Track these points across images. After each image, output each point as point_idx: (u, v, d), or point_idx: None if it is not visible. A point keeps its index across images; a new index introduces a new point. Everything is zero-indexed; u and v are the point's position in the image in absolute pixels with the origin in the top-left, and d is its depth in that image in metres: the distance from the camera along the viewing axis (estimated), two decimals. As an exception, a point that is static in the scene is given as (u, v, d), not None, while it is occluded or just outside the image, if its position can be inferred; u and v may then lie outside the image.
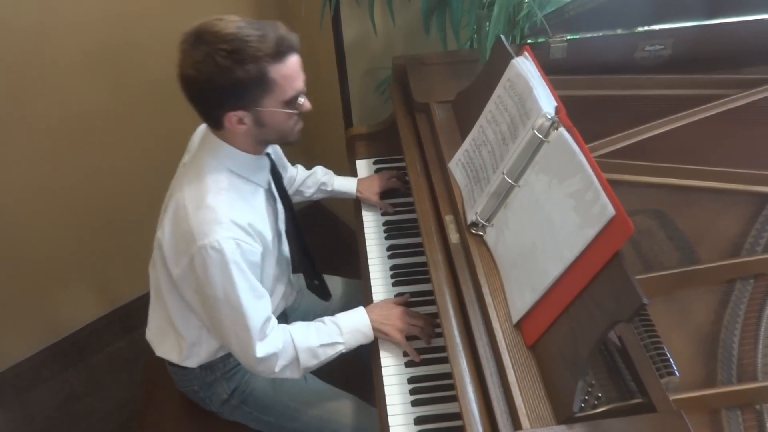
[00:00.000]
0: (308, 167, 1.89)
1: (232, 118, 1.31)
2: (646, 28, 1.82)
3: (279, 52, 1.26)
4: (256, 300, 1.39)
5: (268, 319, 1.42)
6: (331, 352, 1.49)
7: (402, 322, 1.50)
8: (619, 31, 1.83)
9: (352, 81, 2.23)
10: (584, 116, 1.33)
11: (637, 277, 1.04)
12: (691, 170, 1.56)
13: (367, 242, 1.77)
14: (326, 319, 1.52)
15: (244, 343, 1.40)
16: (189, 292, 1.42)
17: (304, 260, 1.69)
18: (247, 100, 1.29)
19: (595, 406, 1.12)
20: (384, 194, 1.87)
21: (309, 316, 1.81)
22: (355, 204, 1.90)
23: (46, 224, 2.24)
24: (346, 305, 1.82)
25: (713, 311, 1.33)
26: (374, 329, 1.51)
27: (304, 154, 2.72)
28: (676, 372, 1.18)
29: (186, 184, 1.38)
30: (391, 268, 1.69)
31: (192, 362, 1.56)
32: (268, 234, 1.44)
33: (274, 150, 1.65)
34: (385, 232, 1.79)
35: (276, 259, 1.55)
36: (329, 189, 1.87)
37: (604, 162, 1.55)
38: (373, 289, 1.65)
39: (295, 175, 1.84)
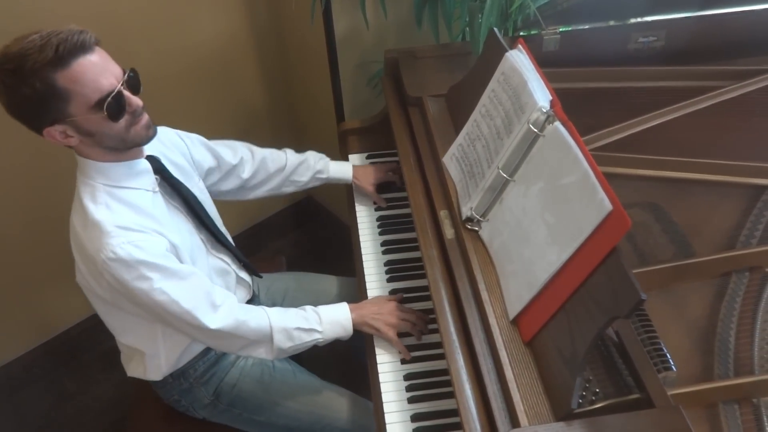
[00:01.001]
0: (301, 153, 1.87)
1: (53, 133, 1.26)
2: (639, 19, 1.82)
3: (60, 58, 1.18)
4: (182, 282, 1.36)
5: (207, 292, 1.40)
6: (306, 338, 1.48)
7: (393, 317, 1.50)
8: (612, 23, 1.82)
9: (344, 75, 2.21)
10: (577, 109, 1.33)
11: (633, 271, 1.03)
12: (685, 163, 1.55)
13: (361, 238, 1.76)
14: (308, 307, 1.52)
15: (193, 323, 1.38)
16: (126, 306, 1.40)
17: (225, 244, 1.63)
18: (53, 113, 1.23)
19: (592, 402, 1.12)
20: (378, 188, 1.85)
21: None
22: (348, 199, 1.89)
23: (37, 222, 2.22)
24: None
25: (709, 305, 1.33)
26: (364, 324, 1.50)
27: (296, 148, 2.70)
28: (673, 367, 1.18)
29: (73, 212, 1.36)
30: (386, 264, 1.68)
31: (156, 375, 1.55)
32: (171, 232, 1.39)
33: (196, 147, 1.62)
34: (379, 227, 1.78)
35: (202, 260, 1.52)
36: (325, 176, 1.83)
37: (598, 155, 1.54)
38: (368, 285, 1.64)
39: (284, 162, 1.80)
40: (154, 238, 1.34)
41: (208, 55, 2.28)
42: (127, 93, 1.28)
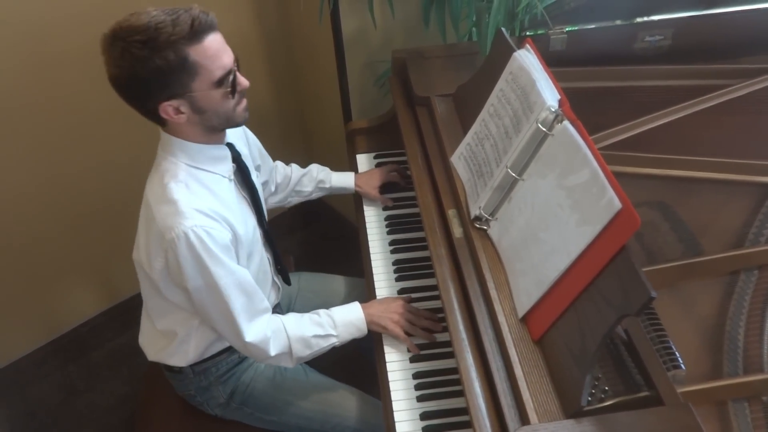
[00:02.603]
0: (307, 162, 1.88)
1: (167, 108, 1.29)
2: (645, 18, 1.82)
3: (195, 33, 1.23)
4: (235, 282, 1.38)
5: (251, 299, 1.42)
6: (324, 344, 1.50)
7: (400, 315, 1.50)
8: (618, 22, 1.83)
9: (351, 75, 2.22)
10: (584, 108, 1.33)
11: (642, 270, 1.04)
12: (692, 161, 1.56)
13: (369, 237, 1.76)
14: (321, 311, 1.53)
15: (232, 328, 1.41)
16: (172, 292, 1.42)
17: (268, 247, 1.66)
18: (176, 87, 1.27)
19: (602, 400, 1.13)
20: (383, 188, 1.86)
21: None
22: (356, 199, 1.90)
23: (46, 220, 2.24)
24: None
25: (718, 303, 1.33)
26: (372, 323, 1.51)
27: (304, 148, 2.72)
28: (682, 365, 1.18)
29: (148, 186, 1.38)
30: (394, 263, 1.69)
31: (180, 360, 1.56)
32: (238, 222, 1.42)
33: (254, 143, 1.65)
34: (387, 227, 1.78)
35: (257, 255, 1.54)
36: (327, 186, 1.86)
37: (606, 154, 1.54)
38: (376, 285, 1.65)
39: (290, 174, 1.84)
40: (223, 228, 1.36)
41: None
42: (239, 74, 1.33)
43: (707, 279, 1.37)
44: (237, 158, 1.48)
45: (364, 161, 1.96)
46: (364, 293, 1.68)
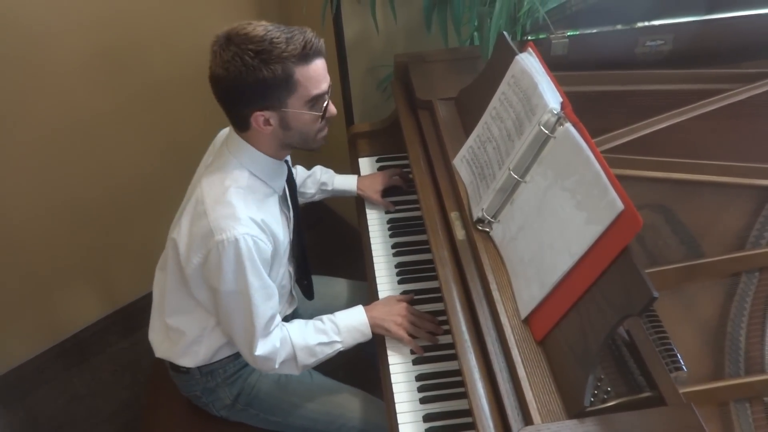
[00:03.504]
0: (309, 165, 1.89)
1: (258, 118, 1.34)
2: (646, 23, 1.83)
3: (305, 55, 1.30)
4: (266, 297, 1.41)
5: (273, 317, 1.44)
6: (328, 351, 1.51)
7: (403, 318, 1.51)
8: (619, 27, 1.83)
9: (354, 79, 2.23)
10: (585, 112, 1.34)
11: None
12: (693, 164, 1.56)
13: (372, 240, 1.77)
14: (324, 317, 1.54)
15: (248, 338, 1.43)
16: (200, 289, 1.44)
17: (302, 264, 1.70)
18: (273, 99, 1.32)
19: (604, 401, 1.13)
20: (385, 191, 1.87)
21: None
22: (358, 202, 1.91)
23: (48, 225, 2.24)
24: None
25: (719, 304, 1.34)
26: (375, 326, 1.52)
27: (305, 153, 2.72)
28: (683, 367, 1.19)
29: (206, 182, 1.40)
30: (397, 266, 1.69)
31: (189, 361, 1.57)
32: (281, 236, 1.47)
33: None
34: (389, 229, 1.79)
35: (283, 267, 1.57)
36: (330, 188, 1.88)
37: (607, 157, 1.54)
38: (379, 288, 1.65)
39: (294, 176, 1.84)
40: (269, 241, 1.41)
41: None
42: (330, 101, 1.40)
43: (708, 281, 1.38)
44: (289, 176, 1.54)
45: (366, 165, 1.97)
46: (367, 296, 1.69)
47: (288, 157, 1.56)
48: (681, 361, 1.19)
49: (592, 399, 1.13)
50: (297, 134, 1.40)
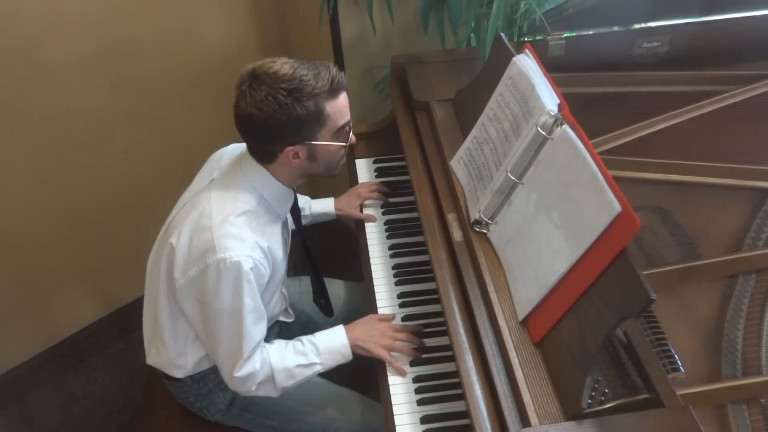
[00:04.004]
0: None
1: (289, 153, 1.38)
2: (643, 25, 1.83)
3: (333, 90, 1.35)
4: (257, 321, 1.41)
5: (260, 342, 1.45)
6: (308, 372, 1.50)
7: (385, 338, 1.50)
8: (616, 29, 1.84)
9: (351, 80, 2.23)
10: (582, 113, 1.34)
11: (641, 273, 1.05)
12: (690, 166, 1.57)
13: (369, 242, 1.77)
14: (304, 338, 1.52)
15: (232, 359, 1.41)
16: (189, 302, 1.43)
17: (315, 283, 1.74)
18: (304, 134, 1.36)
19: (602, 402, 1.13)
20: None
21: (310, 323, 1.82)
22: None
23: (44, 225, 2.23)
24: (350, 309, 1.83)
25: (716, 306, 1.34)
26: (356, 346, 1.50)
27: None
28: (681, 368, 1.19)
29: (215, 197, 1.41)
30: (394, 267, 1.69)
31: (179, 373, 1.56)
32: (279, 261, 1.48)
33: None
34: (386, 231, 1.79)
35: (278, 291, 1.59)
36: (307, 213, 1.86)
37: (604, 159, 1.54)
38: (376, 289, 1.65)
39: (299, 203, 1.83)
40: (268, 266, 1.42)
41: (216, 60, 2.30)
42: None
43: (705, 282, 1.38)
44: (294, 203, 1.57)
45: (363, 166, 1.97)
46: (364, 297, 1.69)
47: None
48: (678, 362, 1.19)
49: (590, 401, 1.13)
50: (322, 164, 1.44)
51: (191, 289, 1.40)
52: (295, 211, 1.61)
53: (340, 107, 1.38)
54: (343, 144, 1.43)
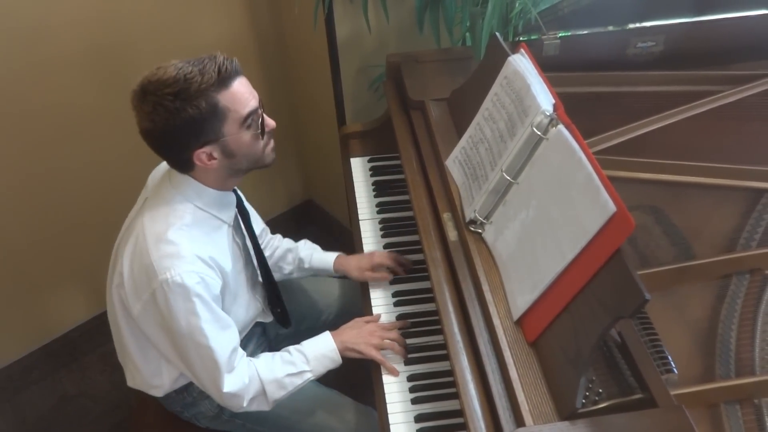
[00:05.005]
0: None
1: (201, 156, 1.32)
2: (637, 25, 1.83)
3: (222, 80, 1.28)
4: (222, 331, 1.38)
5: (234, 350, 1.42)
6: (298, 381, 1.48)
7: (374, 337, 1.49)
8: (611, 28, 1.84)
9: (346, 79, 2.22)
10: (577, 113, 1.34)
11: (635, 273, 1.05)
12: (684, 166, 1.57)
13: (364, 240, 1.77)
14: (291, 348, 1.51)
15: (213, 376, 1.39)
16: (151, 328, 1.41)
17: (269, 290, 1.67)
18: (209, 133, 1.30)
19: (596, 402, 1.13)
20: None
21: (304, 321, 1.82)
22: (350, 202, 1.90)
23: (37, 223, 2.22)
24: (344, 306, 1.82)
25: (710, 306, 1.34)
26: (346, 349, 1.50)
27: (298, 152, 2.72)
28: (674, 369, 1.19)
29: (148, 219, 1.37)
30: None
31: (158, 392, 1.55)
32: (229, 267, 1.44)
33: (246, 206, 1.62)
34: (381, 230, 1.79)
35: (244, 297, 1.56)
36: (306, 266, 1.79)
37: (598, 158, 1.55)
38: (371, 286, 1.65)
39: (277, 246, 1.78)
40: (217, 276, 1.38)
41: (210, 58, 2.29)
42: (265, 114, 1.37)
43: (699, 283, 1.38)
44: (239, 204, 1.51)
45: (358, 165, 1.97)
46: (358, 295, 1.68)
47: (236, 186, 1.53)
48: (672, 363, 1.20)
49: (584, 401, 1.13)
50: (243, 158, 1.37)
51: (148, 315, 1.38)
52: (242, 211, 1.54)
53: (236, 95, 1.31)
54: (256, 132, 1.36)
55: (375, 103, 2.28)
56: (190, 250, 1.33)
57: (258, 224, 1.71)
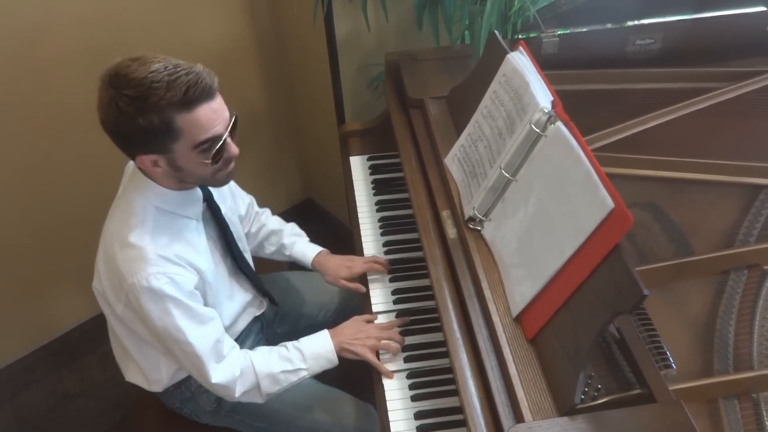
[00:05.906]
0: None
1: (144, 160, 1.28)
2: (636, 22, 1.84)
3: (187, 101, 1.20)
4: (200, 326, 1.38)
5: (218, 341, 1.41)
6: (293, 378, 1.48)
7: (372, 339, 1.49)
8: (609, 26, 1.84)
9: (345, 77, 2.23)
10: (576, 110, 1.34)
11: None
12: (682, 163, 1.57)
13: (363, 238, 1.77)
14: (289, 344, 1.51)
15: (198, 368, 1.40)
16: (137, 326, 1.42)
17: (250, 278, 1.65)
18: (155, 145, 1.24)
19: (595, 398, 1.14)
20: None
21: (302, 318, 1.82)
22: (349, 200, 1.90)
23: (37, 222, 2.23)
24: (344, 302, 1.82)
25: (708, 302, 1.35)
26: (343, 350, 1.49)
27: (297, 151, 2.72)
28: (673, 364, 1.19)
29: (113, 223, 1.36)
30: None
31: (158, 387, 1.55)
32: (203, 263, 1.41)
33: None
34: (381, 227, 1.79)
35: (228, 278, 1.55)
36: (287, 253, 1.76)
37: (597, 155, 1.55)
38: (370, 285, 1.66)
39: (263, 224, 1.77)
40: (188, 273, 1.36)
41: (209, 57, 2.28)
42: (229, 141, 1.29)
43: (698, 279, 1.38)
44: (208, 197, 1.47)
45: (357, 163, 1.97)
46: (357, 293, 1.68)
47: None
48: (670, 358, 1.20)
49: (583, 396, 1.13)
50: (190, 175, 1.31)
51: (131, 315, 1.38)
52: (212, 204, 1.48)
53: (197, 121, 1.21)
54: (206, 161, 1.27)
55: (374, 102, 2.28)
56: (154, 252, 1.30)
57: (243, 199, 1.71)
